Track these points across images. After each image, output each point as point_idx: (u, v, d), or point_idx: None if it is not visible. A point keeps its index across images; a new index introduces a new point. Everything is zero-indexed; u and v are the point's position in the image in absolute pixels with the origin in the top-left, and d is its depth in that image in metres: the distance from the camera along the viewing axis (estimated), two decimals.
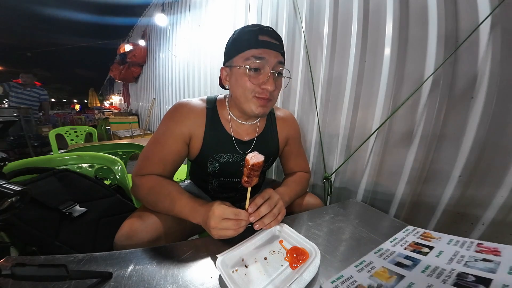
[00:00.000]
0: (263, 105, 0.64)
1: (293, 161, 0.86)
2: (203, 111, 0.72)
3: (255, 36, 0.60)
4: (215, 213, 0.50)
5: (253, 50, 0.60)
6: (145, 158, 0.67)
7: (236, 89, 0.65)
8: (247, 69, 0.61)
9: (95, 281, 0.38)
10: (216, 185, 0.82)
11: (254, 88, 0.62)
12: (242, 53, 0.62)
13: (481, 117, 0.72)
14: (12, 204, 0.35)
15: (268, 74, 0.61)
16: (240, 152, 0.75)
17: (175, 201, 0.58)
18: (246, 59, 0.61)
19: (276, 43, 0.62)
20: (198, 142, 0.71)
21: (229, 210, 0.51)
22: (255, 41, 0.60)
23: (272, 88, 0.61)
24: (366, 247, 0.54)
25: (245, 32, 0.63)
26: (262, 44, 0.60)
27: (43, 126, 3.77)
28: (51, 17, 20.91)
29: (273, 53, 0.61)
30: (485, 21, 0.69)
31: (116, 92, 10.87)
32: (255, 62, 0.60)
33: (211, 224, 0.50)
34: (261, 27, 0.62)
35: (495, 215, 0.72)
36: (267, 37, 0.61)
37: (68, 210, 0.65)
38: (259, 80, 0.62)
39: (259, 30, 0.61)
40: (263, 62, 0.60)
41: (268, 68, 0.61)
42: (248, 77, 0.61)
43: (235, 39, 0.64)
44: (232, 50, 0.65)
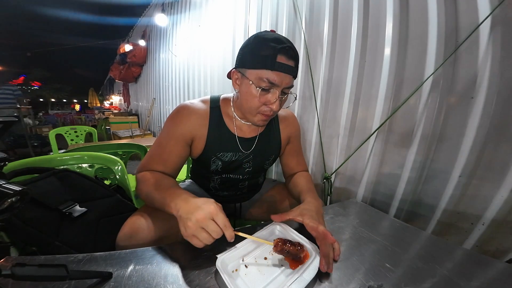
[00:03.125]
0: (265, 119, 0.67)
1: (294, 160, 0.87)
2: (206, 112, 0.73)
3: (273, 56, 0.57)
4: (210, 207, 0.46)
5: (269, 72, 0.59)
6: (148, 158, 0.70)
7: (244, 100, 0.66)
8: (258, 89, 0.61)
9: (95, 281, 0.38)
10: (218, 182, 0.83)
11: (260, 105, 0.64)
12: (257, 70, 0.60)
13: (481, 117, 0.72)
14: (12, 204, 0.35)
15: (276, 97, 0.62)
16: (243, 151, 0.76)
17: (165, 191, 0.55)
18: (260, 79, 0.60)
19: (292, 66, 0.60)
20: (201, 142, 0.73)
21: (221, 216, 0.46)
22: (272, 63, 0.58)
23: (278, 109, 0.64)
24: (366, 247, 0.54)
25: (264, 46, 0.59)
26: (279, 67, 0.58)
27: (43, 126, 3.77)
28: (51, 17, 20.94)
29: (286, 77, 0.60)
30: (485, 21, 0.69)
31: (116, 92, 10.87)
32: (267, 85, 0.60)
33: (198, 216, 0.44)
34: (282, 45, 0.58)
35: (495, 215, 0.72)
36: (285, 58, 0.59)
37: (68, 210, 0.65)
38: (267, 99, 0.63)
39: (279, 49, 0.58)
40: (274, 85, 0.60)
41: (278, 92, 0.61)
42: (258, 97, 0.62)
43: (253, 50, 0.61)
44: (247, 60, 0.62)
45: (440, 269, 0.47)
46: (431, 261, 0.49)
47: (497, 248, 0.75)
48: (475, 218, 0.77)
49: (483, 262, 0.50)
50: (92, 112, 9.59)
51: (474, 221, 0.77)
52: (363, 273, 0.45)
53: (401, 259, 0.50)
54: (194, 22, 2.68)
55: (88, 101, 14.17)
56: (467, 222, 0.79)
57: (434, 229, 0.87)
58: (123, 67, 5.65)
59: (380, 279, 0.43)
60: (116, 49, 6.17)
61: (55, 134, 2.12)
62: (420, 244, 0.57)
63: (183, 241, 0.50)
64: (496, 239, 0.74)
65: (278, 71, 0.58)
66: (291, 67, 0.60)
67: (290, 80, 0.62)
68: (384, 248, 0.54)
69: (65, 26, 23.89)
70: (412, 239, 0.59)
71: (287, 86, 0.62)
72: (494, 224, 0.73)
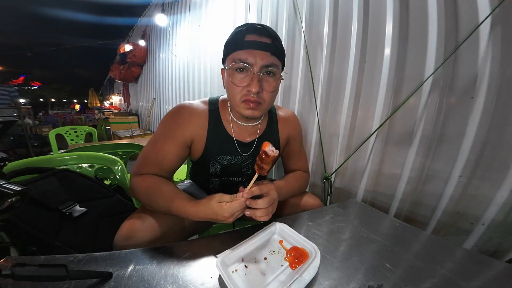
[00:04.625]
0: (251, 108, 0.62)
1: (294, 161, 0.86)
2: (205, 113, 0.71)
3: (241, 37, 0.58)
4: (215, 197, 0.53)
5: (239, 52, 0.58)
6: (144, 159, 0.67)
7: (227, 91, 0.65)
8: (233, 72, 0.60)
9: (95, 281, 0.38)
10: (217, 184, 0.83)
11: (240, 90, 0.60)
12: (230, 55, 0.61)
13: (481, 117, 0.72)
14: (12, 204, 0.35)
15: (251, 76, 0.58)
16: (242, 154, 0.75)
17: (172, 201, 0.57)
18: (232, 60, 0.59)
19: (265, 42, 0.58)
20: (200, 145, 0.71)
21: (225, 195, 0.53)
22: (241, 42, 0.58)
23: (256, 89, 0.58)
24: (366, 247, 0.54)
25: (234, 33, 0.61)
26: (248, 45, 0.57)
27: (43, 126, 3.77)
28: (51, 17, 20.94)
29: (260, 53, 0.57)
30: (485, 21, 0.69)
31: (116, 92, 10.86)
32: (239, 64, 0.58)
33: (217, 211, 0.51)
34: (250, 25, 0.59)
35: (495, 215, 0.72)
36: (255, 35, 0.58)
37: (68, 210, 0.65)
38: (244, 82, 0.59)
39: (246, 30, 0.58)
40: (248, 63, 0.58)
41: (253, 69, 0.58)
42: (234, 80, 0.60)
43: (227, 41, 0.63)
44: (224, 52, 0.64)
45: (440, 269, 0.47)
46: (431, 261, 0.49)
47: (497, 248, 0.75)
48: (475, 218, 0.77)
49: (483, 262, 0.50)
50: (92, 112, 9.58)
51: (474, 221, 0.77)
52: (363, 273, 0.45)
53: (401, 259, 0.50)
54: (194, 22, 2.68)
55: (88, 101, 14.16)
56: (467, 222, 0.79)
57: (434, 229, 0.87)
58: (123, 67, 5.65)
59: (380, 279, 0.43)
60: (116, 49, 6.17)
61: (55, 134, 2.12)
62: (420, 244, 0.57)
63: (183, 241, 0.50)
64: (496, 239, 0.74)
65: (248, 49, 0.57)
66: (264, 43, 0.58)
67: (268, 57, 0.58)
68: (384, 248, 0.54)
69: (65, 26, 23.90)
70: (412, 239, 0.59)
71: (266, 64, 0.58)
72: (494, 224, 0.73)
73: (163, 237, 0.59)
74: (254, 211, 0.53)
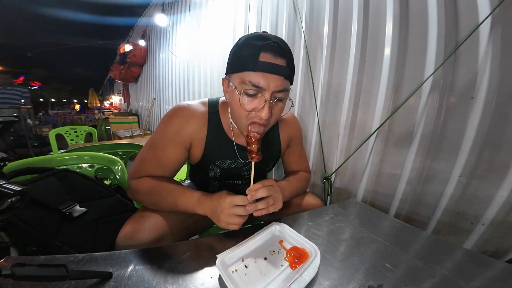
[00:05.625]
0: (256, 131, 0.58)
1: (295, 162, 0.86)
2: (204, 116, 0.68)
3: (255, 55, 0.51)
4: (226, 200, 0.52)
5: (251, 73, 0.52)
6: (143, 163, 0.65)
7: (232, 109, 0.61)
8: (242, 93, 0.54)
9: (95, 281, 0.38)
10: (216, 187, 0.82)
11: (248, 113, 0.57)
12: (239, 72, 0.54)
13: (481, 117, 0.72)
14: (12, 204, 0.35)
15: (263, 102, 0.54)
16: (242, 158, 0.73)
17: (179, 196, 0.59)
18: (242, 82, 0.53)
19: (280, 65, 0.52)
20: (199, 148, 0.69)
21: (239, 197, 0.53)
22: (254, 63, 0.51)
23: (267, 116, 0.54)
24: (366, 247, 0.54)
25: (246, 46, 0.53)
26: (262, 66, 0.51)
27: (43, 126, 3.77)
28: (51, 17, 20.94)
29: (274, 78, 0.52)
30: (485, 21, 0.69)
31: (116, 92, 10.86)
32: (251, 88, 0.52)
33: (223, 209, 0.51)
34: (265, 42, 0.51)
35: (495, 215, 0.72)
36: (270, 55, 0.51)
37: (68, 210, 0.65)
38: (254, 106, 0.55)
39: (261, 46, 0.51)
40: (260, 89, 0.53)
41: (265, 96, 0.53)
42: (242, 104, 0.55)
43: (235, 52, 0.56)
44: (231, 63, 0.57)
45: (440, 269, 0.47)
46: (431, 261, 0.49)
47: (497, 248, 0.75)
48: (475, 218, 0.77)
49: (483, 262, 0.50)
50: (92, 112, 9.58)
51: (474, 221, 0.77)
52: (363, 273, 0.45)
53: (401, 259, 0.50)
54: (194, 22, 2.68)
55: (88, 101, 14.17)
56: (467, 222, 0.79)
57: (434, 229, 0.87)
58: (123, 67, 5.65)
59: (380, 279, 0.43)
60: (116, 49, 6.17)
61: (55, 134, 2.12)
62: (420, 244, 0.57)
63: (183, 241, 0.50)
64: (496, 239, 0.74)
65: (262, 72, 0.51)
66: (279, 66, 0.52)
67: (281, 82, 0.53)
68: (384, 248, 0.54)
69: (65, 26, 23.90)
70: (412, 239, 0.59)
71: (278, 90, 0.54)
72: (494, 224, 0.73)
73: (165, 237, 0.59)
74: (255, 203, 0.54)
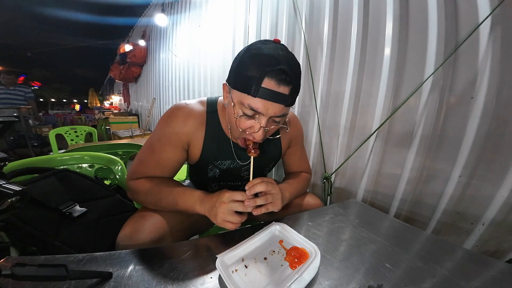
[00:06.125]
0: (248, 145, 0.60)
1: (296, 163, 0.86)
2: (202, 115, 0.67)
3: (259, 80, 0.49)
4: (226, 194, 0.53)
5: (251, 98, 0.50)
6: (141, 164, 0.65)
7: (228, 119, 0.61)
8: (238, 115, 0.54)
9: (95, 281, 0.38)
10: (215, 189, 0.82)
11: (243, 130, 0.57)
12: (240, 92, 0.52)
13: (481, 117, 0.72)
14: (12, 204, 0.35)
15: (260, 126, 0.54)
16: (242, 159, 0.72)
17: (179, 196, 0.59)
18: (241, 103, 0.52)
19: (282, 93, 0.50)
20: (197, 148, 0.68)
21: (238, 193, 0.54)
22: (256, 88, 0.49)
23: (260, 138, 0.56)
24: (366, 247, 0.54)
25: (253, 65, 0.50)
26: (263, 94, 0.49)
27: (43, 126, 3.76)
28: (51, 17, 20.95)
29: (273, 106, 0.51)
30: (485, 21, 0.69)
31: (116, 92, 10.86)
32: (249, 111, 0.52)
33: (221, 203, 0.52)
34: (272, 68, 0.48)
35: (495, 215, 0.72)
36: (275, 83, 0.49)
37: (68, 210, 0.65)
38: (249, 125, 0.55)
39: (267, 72, 0.48)
40: (259, 114, 0.52)
41: (261, 122, 0.53)
42: (238, 121, 0.55)
43: (241, 65, 0.52)
44: (234, 77, 0.54)
45: (440, 269, 0.47)
46: (431, 261, 0.49)
47: (497, 248, 0.75)
48: (475, 218, 0.77)
49: (483, 262, 0.50)
50: (92, 112, 9.58)
51: (474, 221, 0.77)
52: (363, 273, 0.45)
53: (401, 259, 0.50)
54: (194, 22, 2.68)
55: (88, 101, 14.16)
56: (467, 222, 0.79)
57: (434, 229, 0.87)
58: (123, 67, 5.65)
59: (380, 279, 0.43)
60: (116, 49, 6.17)
61: (55, 134, 2.12)
62: (420, 244, 0.57)
63: (183, 241, 0.50)
64: (496, 239, 0.74)
65: (263, 99, 0.50)
66: (282, 95, 0.50)
67: (280, 109, 0.52)
68: (384, 248, 0.54)
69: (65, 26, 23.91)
70: (412, 239, 0.59)
71: (276, 115, 0.53)
72: (494, 224, 0.73)
73: (166, 237, 0.59)
74: (255, 199, 0.54)
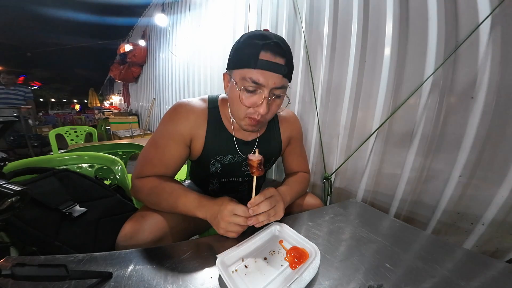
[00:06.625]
0: (253, 124, 0.62)
1: (295, 161, 0.86)
2: (204, 111, 0.70)
3: (256, 54, 0.54)
4: (227, 207, 0.52)
5: (251, 70, 0.55)
6: (145, 161, 0.66)
7: (231, 103, 0.64)
8: (242, 89, 0.57)
9: (95, 281, 0.38)
10: (217, 185, 0.82)
11: (246, 108, 0.60)
12: (240, 69, 0.57)
13: (481, 117, 0.72)
14: (12, 204, 0.35)
15: (262, 98, 0.57)
16: (243, 153, 0.74)
17: (180, 198, 0.59)
18: (243, 78, 0.56)
19: (279, 64, 0.55)
20: (199, 144, 0.70)
21: (240, 207, 0.52)
22: (255, 61, 0.54)
23: (265, 112, 0.58)
24: (366, 247, 0.54)
25: (248, 44, 0.56)
26: (262, 65, 0.54)
27: (43, 126, 3.76)
28: (51, 17, 20.92)
29: (273, 76, 0.55)
30: (485, 21, 0.69)
31: (116, 92, 10.85)
32: (250, 84, 0.56)
33: (223, 217, 0.51)
34: (266, 41, 0.54)
35: (495, 215, 0.72)
36: (270, 54, 0.54)
37: (68, 210, 0.65)
38: (253, 101, 0.58)
39: (262, 46, 0.54)
40: (260, 85, 0.56)
41: (264, 92, 0.56)
42: (242, 99, 0.58)
43: (237, 49, 0.59)
44: (233, 60, 0.60)
45: (440, 269, 0.47)
46: (431, 261, 0.49)
47: (497, 248, 0.75)
48: (475, 218, 0.77)
49: (483, 262, 0.50)
50: (92, 112, 9.58)
51: (474, 221, 0.77)
52: (363, 273, 0.45)
53: (401, 259, 0.50)
54: (194, 22, 2.68)
55: (88, 101, 14.14)
56: (467, 222, 0.79)
57: (434, 229, 0.87)
58: (123, 67, 5.65)
59: (380, 279, 0.43)
60: (116, 49, 6.17)
61: (55, 134, 2.12)
62: (420, 244, 0.57)
63: (183, 241, 0.50)
64: (496, 239, 0.74)
65: (262, 69, 0.54)
66: (278, 65, 0.55)
67: (279, 80, 0.56)
68: (384, 248, 0.54)
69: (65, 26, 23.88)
70: (412, 239, 0.59)
71: (277, 87, 0.57)
72: (494, 224, 0.73)
73: (166, 237, 0.59)
74: (257, 216, 0.53)
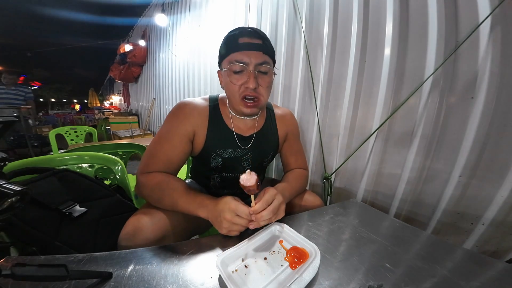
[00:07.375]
0: (250, 106, 0.68)
1: (292, 158, 0.88)
2: (205, 108, 0.75)
3: (235, 40, 0.65)
4: (231, 207, 0.53)
5: (234, 54, 0.64)
6: (151, 157, 0.68)
7: (227, 91, 0.71)
8: (231, 72, 0.66)
9: (95, 281, 0.38)
10: (218, 180, 0.84)
11: (239, 88, 0.66)
12: (226, 57, 0.67)
13: (481, 117, 0.72)
14: (12, 204, 0.35)
15: (248, 74, 0.64)
16: (242, 147, 0.78)
17: (182, 196, 0.60)
18: (229, 62, 0.65)
19: (257, 43, 0.65)
20: (201, 138, 0.74)
21: (242, 208, 0.53)
22: (236, 45, 0.64)
23: (253, 85, 0.64)
24: (366, 247, 0.54)
25: (228, 37, 0.67)
26: (242, 46, 0.64)
27: (43, 126, 3.76)
28: (51, 17, 20.93)
29: (254, 53, 0.64)
30: (485, 21, 0.69)
31: (116, 92, 10.86)
32: (237, 65, 0.64)
33: (225, 217, 0.52)
34: (242, 29, 0.66)
35: (495, 215, 0.72)
36: (247, 38, 0.64)
37: (68, 210, 0.65)
38: (242, 80, 0.65)
39: (239, 33, 0.65)
40: (244, 64, 0.64)
41: (249, 68, 0.64)
42: (232, 80, 0.66)
43: (221, 45, 0.69)
44: (220, 55, 0.71)
45: (440, 269, 0.47)
46: (431, 261, 0.49)
47: (497, 248, 0.75)
48: (475, 218, 0.77)
49: (483, 262, 0.50)
50: (92, 112, 9.58)
51: (474, 221, 0.77)
52: (363, 273, 0.45)
53: (401, 259, 0.50)
54: (194, 22, 2.68)
55: (88, 101, 14.15)
56: (467, 222, 0.79)
57: (434, 229, 0.87)
58: (123, 67, 5.65)
59: (380, 279, 0.43)
60: (116, 49, 6.17)
61: (55, 134, 2.12)
62: (420, 244, 0.57)
63: (183, 241, 0.50)
64: (496, 239, 0.74)
65: (243, 50, 0.64)
66: (256, 44, 0.65)
67: (260, 56, 0.65)
68: (384, 248, 0.54)
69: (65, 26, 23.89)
70: (412, 239, 0.59)
71: (259, 63, 0.64)
72: (494, 224, 0.73)
73: (167, 236, 0.59)
74: (258, 222, 0.53)
